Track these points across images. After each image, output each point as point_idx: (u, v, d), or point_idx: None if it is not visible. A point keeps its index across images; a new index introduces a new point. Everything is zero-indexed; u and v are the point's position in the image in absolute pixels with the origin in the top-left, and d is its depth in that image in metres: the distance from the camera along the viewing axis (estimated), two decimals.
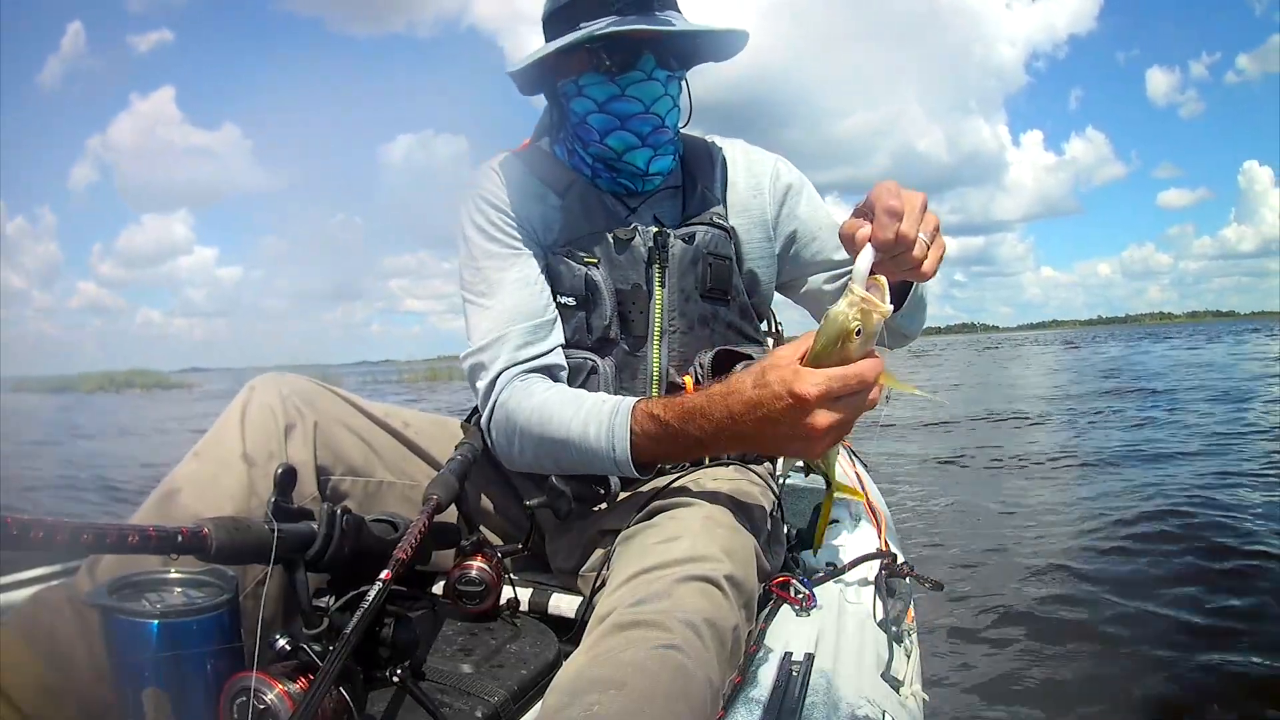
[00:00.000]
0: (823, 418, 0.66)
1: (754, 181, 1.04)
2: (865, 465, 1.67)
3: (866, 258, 0.68)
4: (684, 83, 0.99)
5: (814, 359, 0.67)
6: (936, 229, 0.71)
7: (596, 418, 0.82)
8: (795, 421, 0.67)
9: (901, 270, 0.71)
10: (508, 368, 0.89)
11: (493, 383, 0.90)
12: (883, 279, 0.66)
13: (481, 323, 0.92)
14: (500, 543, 0.99)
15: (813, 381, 0.66)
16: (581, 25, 0.89)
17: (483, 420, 0.92)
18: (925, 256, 0.71)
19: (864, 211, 0.70)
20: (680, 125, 1.00)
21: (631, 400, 0.82)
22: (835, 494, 0.87)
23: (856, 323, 0.64)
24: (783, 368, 0.68)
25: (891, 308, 0.65)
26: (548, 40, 0.95)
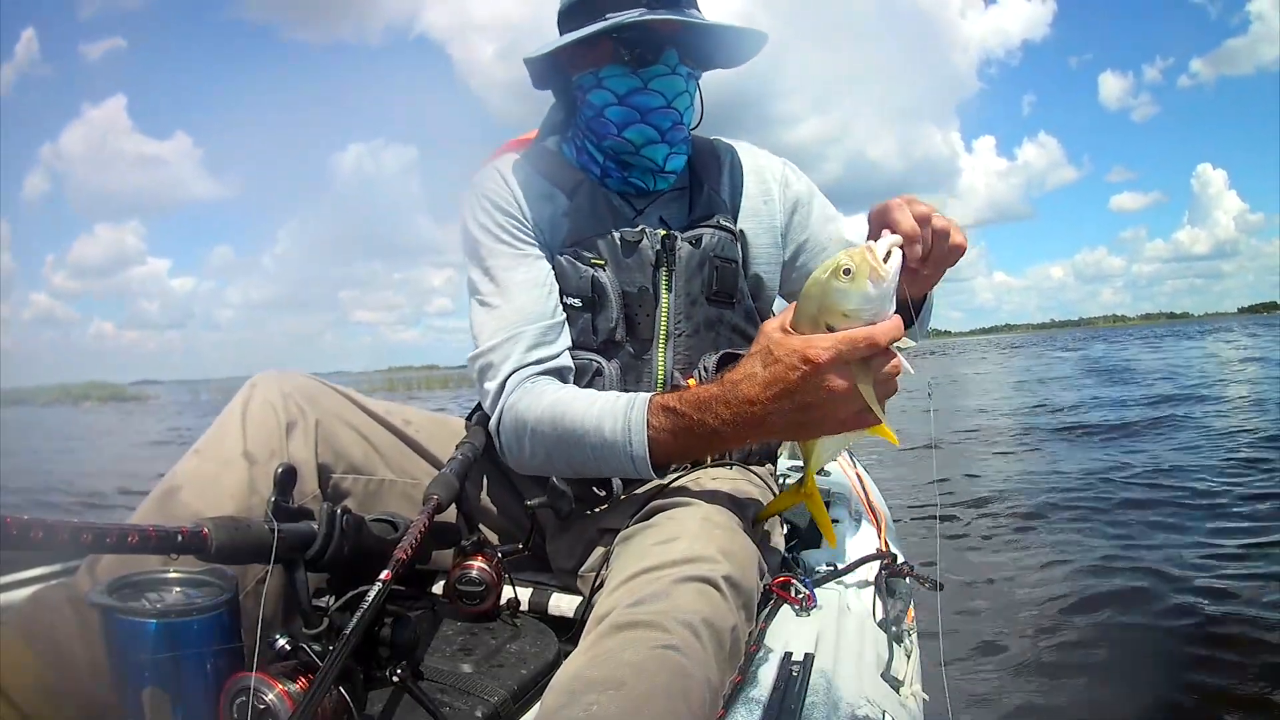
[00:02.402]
0: (839, 381, 0.67)
1: (763, 188, 1.03)
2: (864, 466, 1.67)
3: (886, 240, 0.69)
4: (699, 85, 0.99)
5: (802, 306, 0.70)
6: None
7: (611, 413, 0.81)
8: (813, 389, 0.68)
9: (940, 256, 0.73)
10: (517, 369, 0.89)
11: (502, 384, 0.89)
12: (899, 254, 0.67)
13: (489, 323, 0.92)
14: (500, 543, 0.99)
15: (823, 345, 0.67)
16: (608, 17, 0.89)
17: (491, 423, 0.91)
18: (949, 228, 0.72)
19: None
20: (693, 127, 1.00)
21: (646, 395, 0.82)
22: (814, 493, 0.86)
23: (848, 261, 0.65)
24: (789, 340, 0.70)
25: (891, 272, 0.66)
26: (564, 35, 0.94)
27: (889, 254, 0.67)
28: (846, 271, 0.66)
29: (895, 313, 0.68)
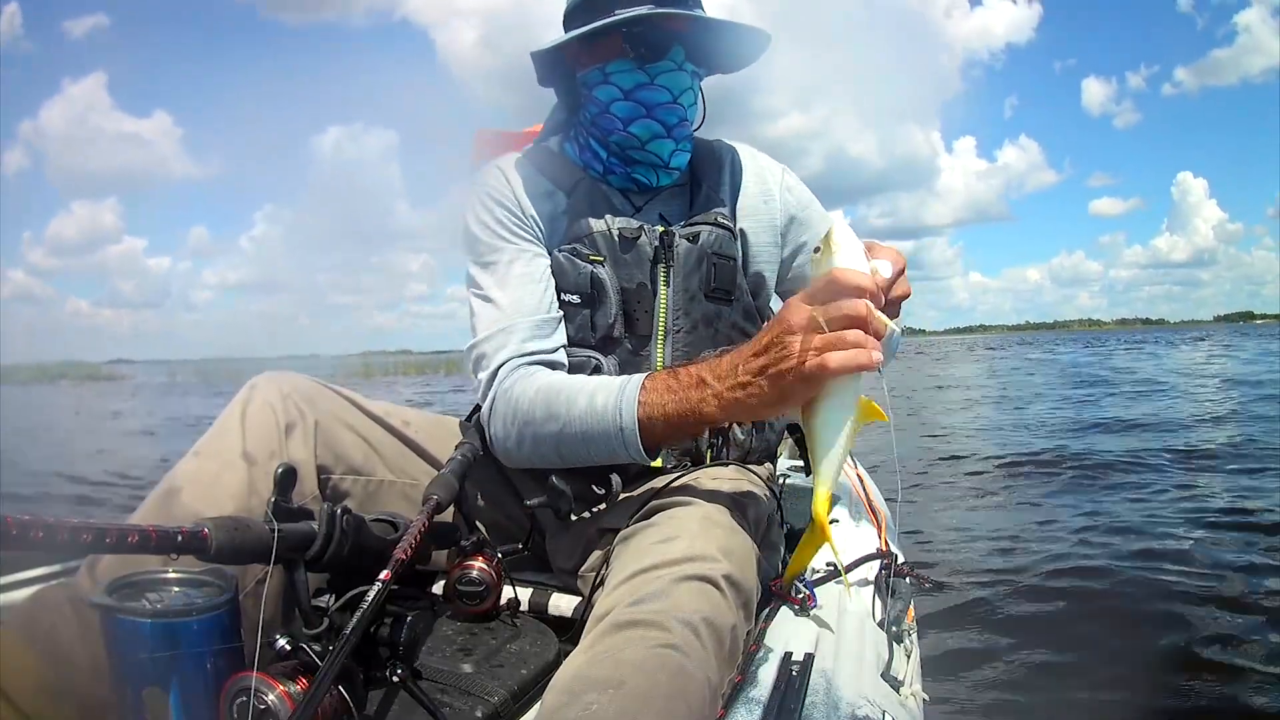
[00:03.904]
0: (798, 315, 0.68)
1: (764, 188, 1.04)
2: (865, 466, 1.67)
3: (843, 222, 0.74)
4: (701, 86, 1.00)
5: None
6: (901, 270, 0.74)
7: (605, 387, 0.82)
8: (777, 326, 0.70)
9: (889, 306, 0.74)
10: (510, 359, 0.89)
11: (495, 373, 0.89)
12: (845, 228, 0.71)
13: (487, 314, 0.92)
14: (500, 543, 0.99)
15: (795, 301, 0.70)
16: (616, 13, 0.89)
17: (482, 411, 0.91)
18: (902, 291, 0.74)
19: None
20: (695, 126, 1.01)
21: (643, 373, 0.82)
22: (822, 533, 0.76)
23: (817, 242, 0.72)
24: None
25: (839, 243, 0.69)
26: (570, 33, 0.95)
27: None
28: (816, 250, 0.72)
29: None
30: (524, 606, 0.89)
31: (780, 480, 1.11)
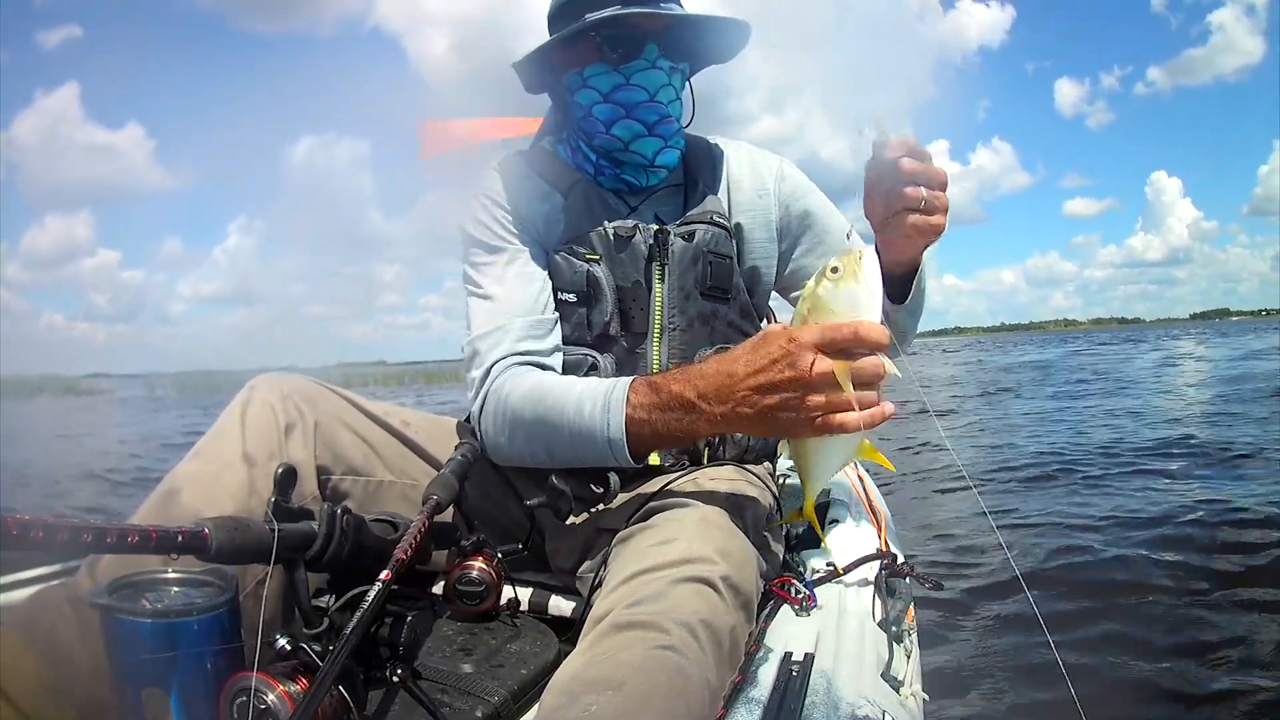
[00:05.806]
0: (818, 364, 0.66)
1: (759, 182, 1.04)
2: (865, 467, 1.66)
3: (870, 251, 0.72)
4: (688, 81, 1.00)
5: (798, 310, 0.72)
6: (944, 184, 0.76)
7: (592, 394, 0.82)
8: (790, 367, 0.67)
9: (928, 219, 0.75)
10: (504, 357, 0.89)
11: (487, 371, 0.90)
12: (874, 259, 0.69)
13: (482, 312, 0.93)
14: (500, 543, 0.99)
15: (809, 329, 0.68)
16: (588, 17, 0.90)
17: (474, 409, 0.91)
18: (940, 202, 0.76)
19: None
20: (684, 124, 1.01)
21: (629, 377, 0.82)
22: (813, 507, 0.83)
23: (836, 262, 0.68)
24: (782, 328, 0.71)
25: (868, 273, 0.68)
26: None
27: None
28: (835, 270, 0.68)
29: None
30: (524, 606, 0.89)
31: (779, 479, 1.11)
